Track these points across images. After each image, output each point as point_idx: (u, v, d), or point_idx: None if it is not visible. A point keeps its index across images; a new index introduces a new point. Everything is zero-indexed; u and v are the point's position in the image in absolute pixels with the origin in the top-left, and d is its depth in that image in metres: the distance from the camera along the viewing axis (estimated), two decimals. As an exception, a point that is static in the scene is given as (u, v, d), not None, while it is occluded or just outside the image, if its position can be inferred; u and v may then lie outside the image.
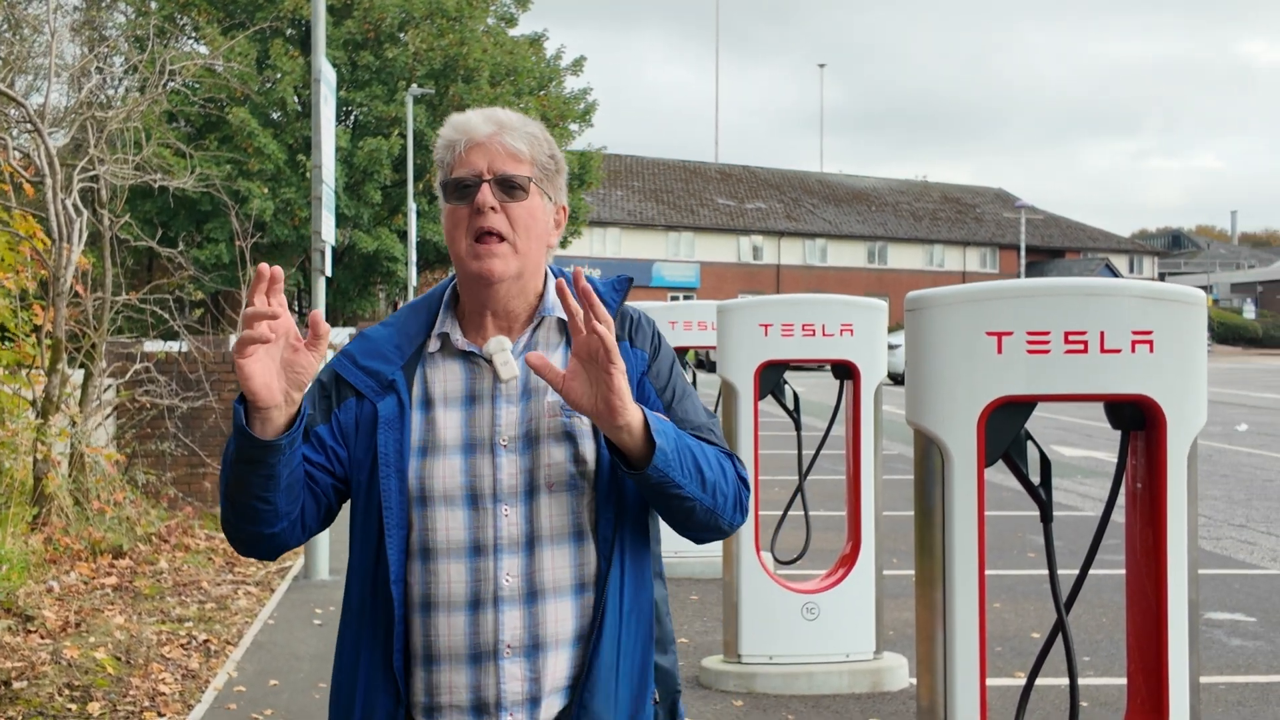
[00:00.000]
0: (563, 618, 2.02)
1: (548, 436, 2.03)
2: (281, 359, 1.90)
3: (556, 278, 2.00)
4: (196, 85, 22.14)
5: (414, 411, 2.06)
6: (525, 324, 2.11)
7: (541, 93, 31.29)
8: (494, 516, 2.00)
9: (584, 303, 1.87)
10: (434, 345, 2.10)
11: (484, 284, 2.05)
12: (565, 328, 2.09)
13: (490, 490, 2.01)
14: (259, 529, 2.00)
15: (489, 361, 2.06)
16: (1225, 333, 66.29)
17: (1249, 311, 71.93)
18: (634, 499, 2.06)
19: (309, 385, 1.99)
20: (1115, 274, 60.39)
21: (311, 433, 2.07)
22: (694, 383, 8.79)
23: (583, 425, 2.04)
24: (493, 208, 2.03)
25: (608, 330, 1.86)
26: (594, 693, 2.01)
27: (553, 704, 2.03)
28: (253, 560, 9.08)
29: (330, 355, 5.21)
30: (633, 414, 1.90)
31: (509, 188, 2.04)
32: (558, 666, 2.02)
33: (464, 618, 2.01)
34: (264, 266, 1.87)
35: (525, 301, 2.11)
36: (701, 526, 2.03)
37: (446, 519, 2.01)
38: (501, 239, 2.03)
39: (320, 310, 1.94)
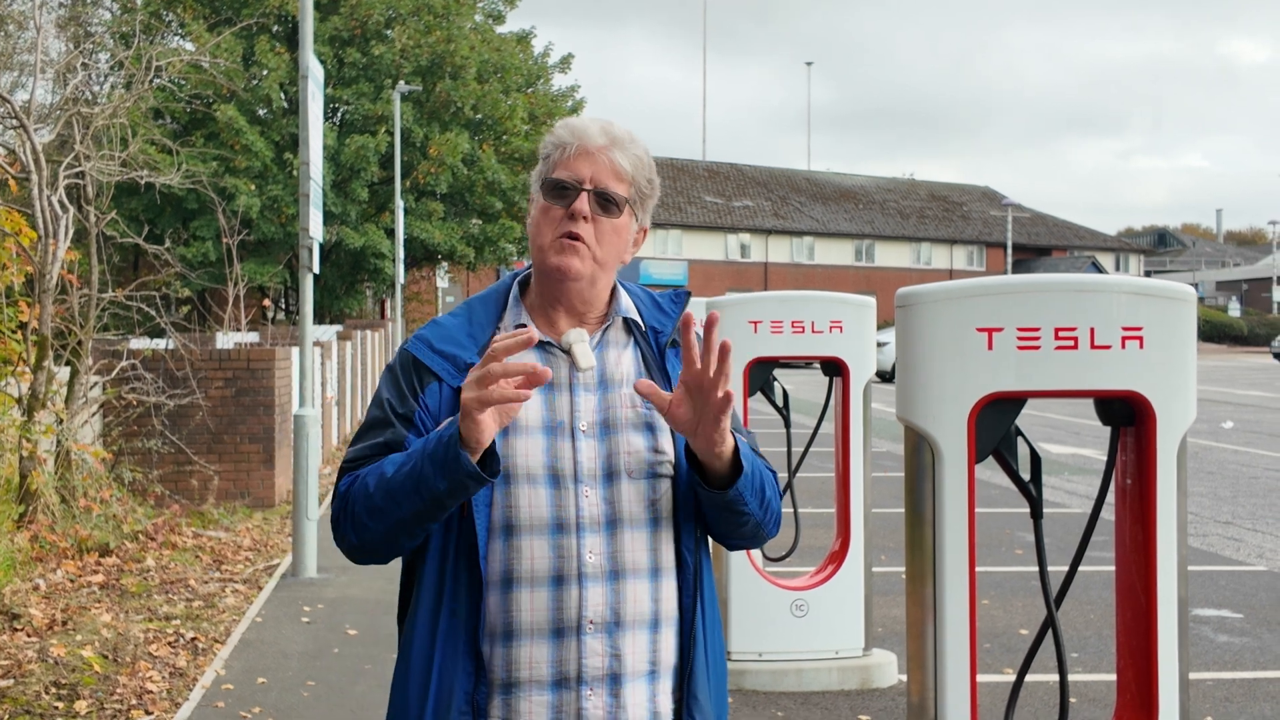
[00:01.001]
0: (640, 598, 2.09)
1: (626, 425, 2.11)
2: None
3: (624, 289, 2.20)
4: (182, 82, 22.05)
5: None
6: (597, 324, 2.20)
7: (529, 90, 31.23)
8: (575, 496, 2.07)
9: (710, 346, 1.95)
10: (501, 335, 2.15)
11: (560, 279, 2.13)
12: (633, 328, 2.20)
13: (571, 471, 2.08)
14: (407, 543, 2.08)
15: (566, 352, 2.12)
16: (1211, 331, 66.52)
17: (1234, 309, 72.22)
18: None
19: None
20: (1101, 272, 60.56)
21: (414, 421, 2.11)
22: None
23: (660, 419, 2.11)
24: (585, 217, 2.11)
25: (727, 376, 1.95)
26: (695, 678, 2.12)
27: (638, 689, 2.08)
28: (240, 558, 9.05)
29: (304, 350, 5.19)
30: (729, 444, 2.01)
31: (605, 203, 2.14)
32: (637, 647, 2.08)
33: (547, 593, 2.05)
34: (530, 331, 1.93)
35: (596, 302, 2.19)
36: (746, 538, 2.17)
37: (530, 496, 2.06)
38: (584, 242, 2.12)
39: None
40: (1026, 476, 3.13)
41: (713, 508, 2.07)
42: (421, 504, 1.98)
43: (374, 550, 2.09)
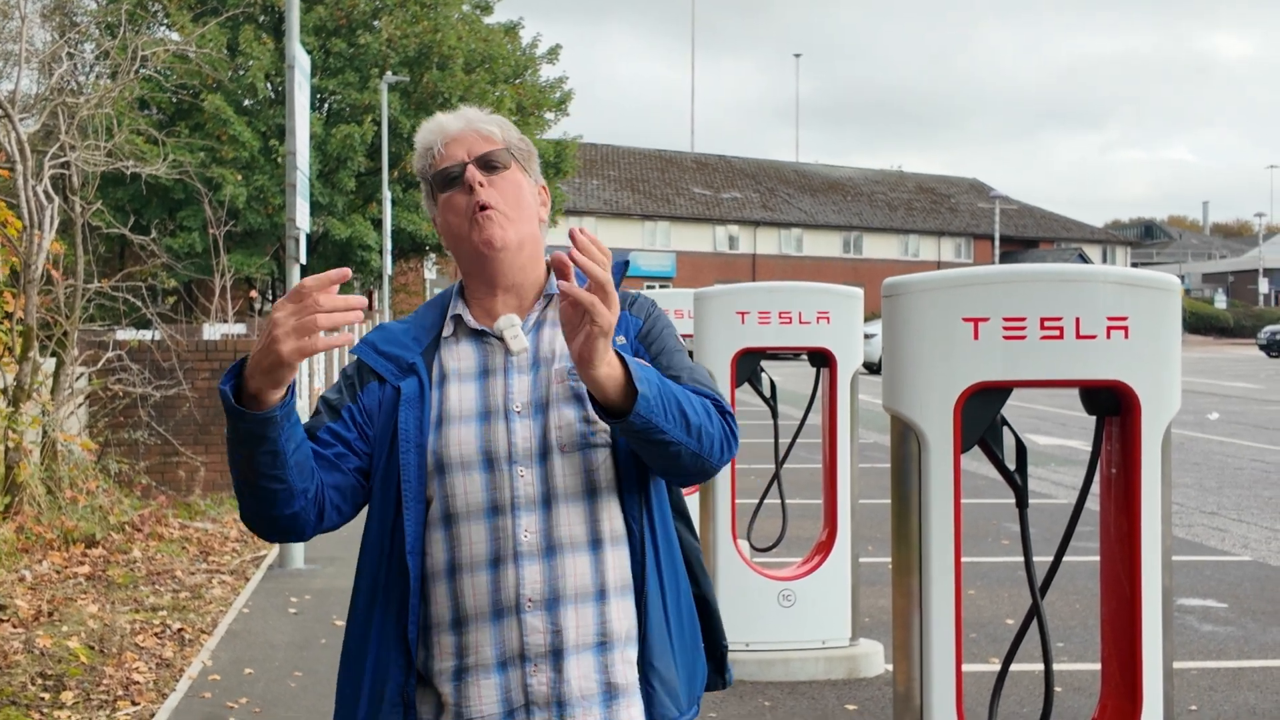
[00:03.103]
0: (581, 572, 2.09)
1: (558, 400, 2.11)
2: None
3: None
4: (168, 72, 21.96)
5: (433, 389, 2.15)
6: (533, 301, 2.22)
7: (517, 81, 31.15)
8: (510, 477, 2.08)
9: (579, 255, 1.91)
10: (448, 330, 2.21)
11: (487, 253, 2.15)
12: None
13: (505, 453, 2.09)
14: (279, 510, 2.04)
15: (499, 338, 2.16)
16: (1197, 322, 66.73)
17: (1220, 301, 72.46)
18: None
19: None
20: (1088, 264, 60.62)
21: (341, 413, 2.15)
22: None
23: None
24: (480, 183, 2.15)
25: (602, 279, 1.89)
26: (652, 647, 2.11)
27: (583, 662, 2.08)
28: (227, 549, 9.04)
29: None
30: (610, 363, 1.93)
31: (490, 165, 2.17)
32: (580, 621, 2.08)
33: (486, 576, 2.08)
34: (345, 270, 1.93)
35: (531, 277, 2.21)
36: (689, 471, 2.08)
37: (465, 483, 2.09)
38: (494, 207, 2.15)
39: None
40: (1012, 466, 3.14)
41: (633, 440, 2.01)
42: (237, 457, 1.98)
43: (260, 523, 2.08)
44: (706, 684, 2.31)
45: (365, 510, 2.19)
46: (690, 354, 2.57)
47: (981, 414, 3.10)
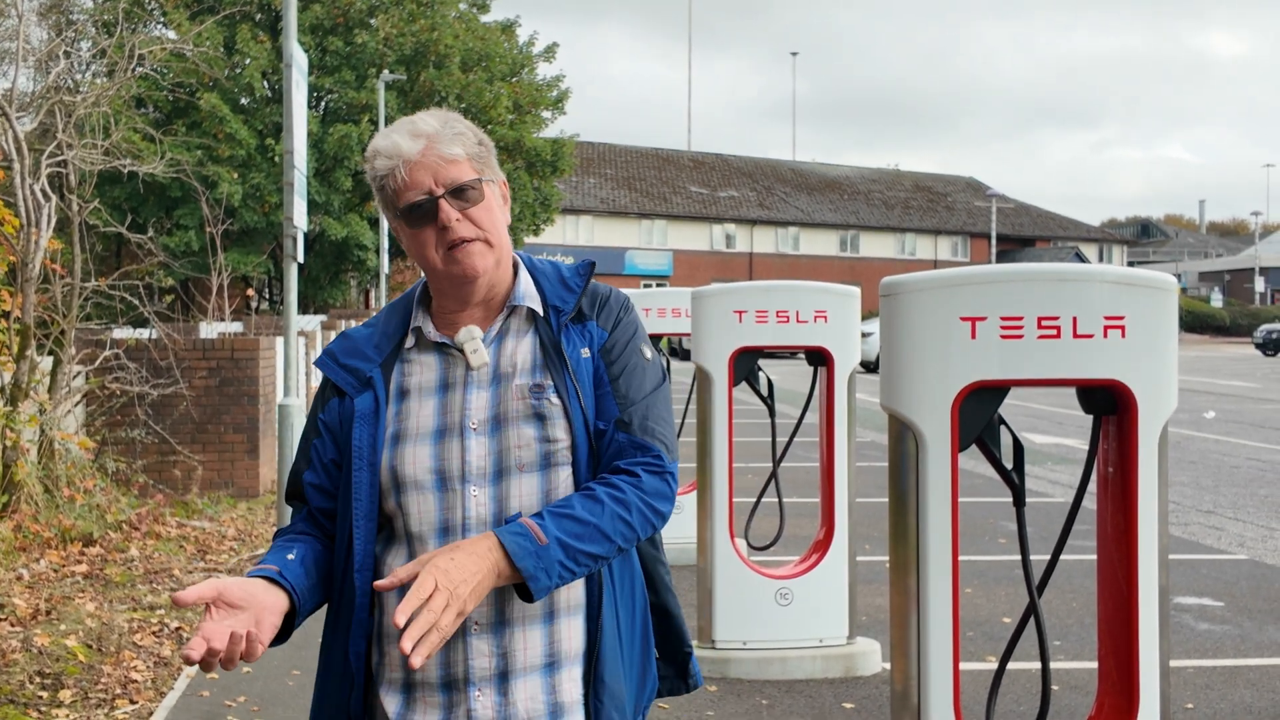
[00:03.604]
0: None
1: (516, 419, 2.07)
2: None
3: (526, 267, 2.15)
4: (165, 70, 21.95)
5: (389, 405, 2.12)
6: (497, 312, 2.17)
7: (514, 79, 31.14)
8: (463, 498, 2.05)
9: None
10: (410, 341, 2.17)
11: (467, 282, 2.11)
12: (534, 317, 2.16)
13: (459, 472, 2.06)
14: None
15: (461, 350, 2.12)
16: (1193, 321, 66.77)
17: (1216, 300, 72.50)
18: None
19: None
20: (1085, 262, 60.72)
21: (316, 469, 2.18)
22: (667, 368, 8.78)
23: (553, 407, 2.08)
24: (457, 219, 2.08)
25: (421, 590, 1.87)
26: (604, 664, 2.08)
27: (529, 684, 2.06)
28: (224, 548, 9.04)
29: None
30: (496, 577, 1.92)
31: (462, 194, 2.09)
32: (529, 643, 2.06)
33: None
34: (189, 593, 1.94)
35: (501, 289, 2.17)
36: (629, 549, 2.10)
37: (419, 503, 2.07)
38: (474, 240, 2.09)
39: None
40: (1009, 465, 3.15)
41: None
42: None
43: None
44: (671, 688, 2.30)
45: None
46: (680, 348, 2.56)
47: (979, 413, 3.11)
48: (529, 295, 2.16)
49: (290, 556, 2.09)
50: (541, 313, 2.15)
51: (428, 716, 2.06)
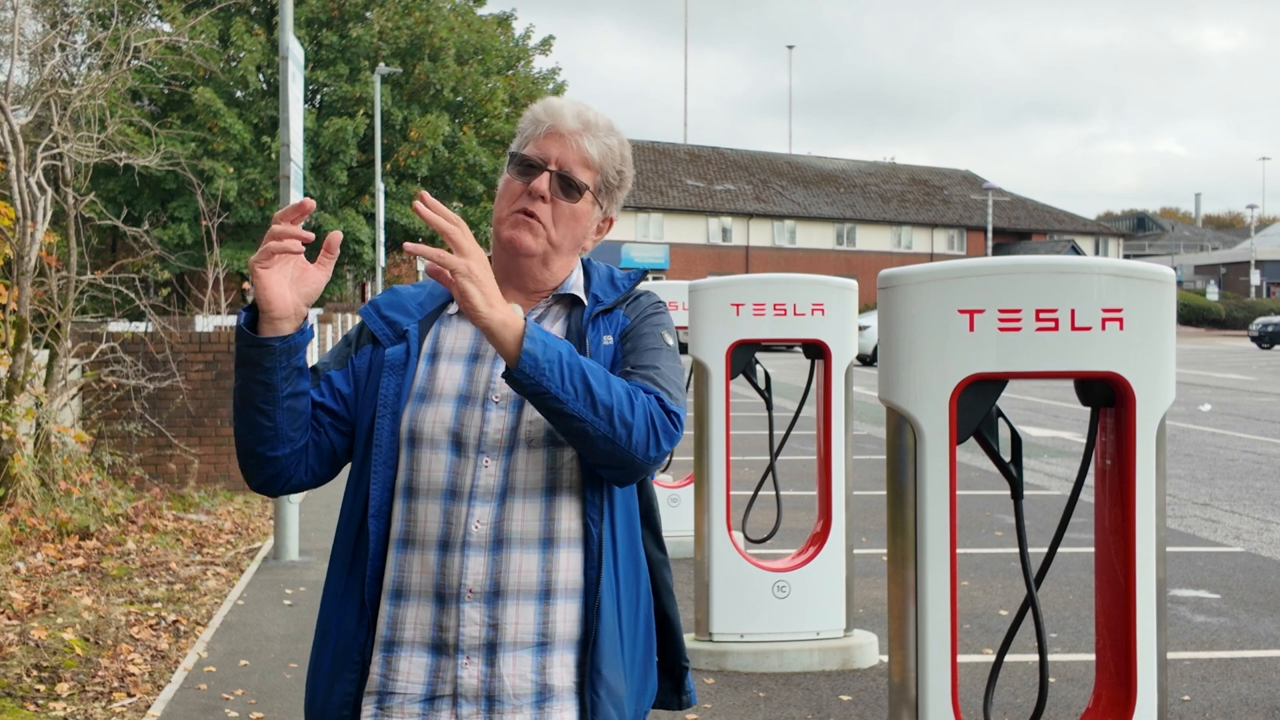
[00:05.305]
0: (527, 569, 2.08)
1: None
2: (293, 275, 2.05)
3: (583, 264, 2.25)
4: (160, 64, 21.90)
5: (420, 361, 2.17)
6: (542, 298, 2.23)
7: (509, 72, 31.12)
8: (474, 465, 2.09)
9: (424, 209, 1.97)
10: (454, 307, 2.22)
11: (512, 253, 2.17)
12: (573, 306, 2.23)
13: (475, 440, 2.10)
14: (263, 449, 2.09)
15: None
16: (1189, 314, 66.86)
17: (1212, 293, 72.59)
18: None
19: (315, 299, 2.13)
20: (1081, 255, 60.72)
21: (323, 377, 2.19)
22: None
23: None
24: (543, 197, 2.14)
25: (445, 229, 1.95)
26: (600, 652, 2.09)
27: (520, 660, 2.07)
28: (221, 541, 9.04)
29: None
30: (502, 319, 1.96)
31: (566, 187, 2.16)
32: (520, 618, 2.07)
33: (434, 557, 2.09)
34: (305, 200, 2.04)
35: (549, 283, 2.22)
36: (605, 456, 2.02)
37: (430, 461, 2.11)
38: (540, 221, 2.15)
39: (338, 235, 2.06)
40: (1007, 458, 3.15)
41: (537, 407, 2.00)
42: (236, 381, 2.07)
43: (245, 458, 2.13)
44: (664, 702, 2.30)
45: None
46: (684, 347, 2.59)
47: (977, 406, 3.11)
48: (576, 285, 2.24)
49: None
50: (585, 301, 2.21)
51: (411, 674, 2.08)
